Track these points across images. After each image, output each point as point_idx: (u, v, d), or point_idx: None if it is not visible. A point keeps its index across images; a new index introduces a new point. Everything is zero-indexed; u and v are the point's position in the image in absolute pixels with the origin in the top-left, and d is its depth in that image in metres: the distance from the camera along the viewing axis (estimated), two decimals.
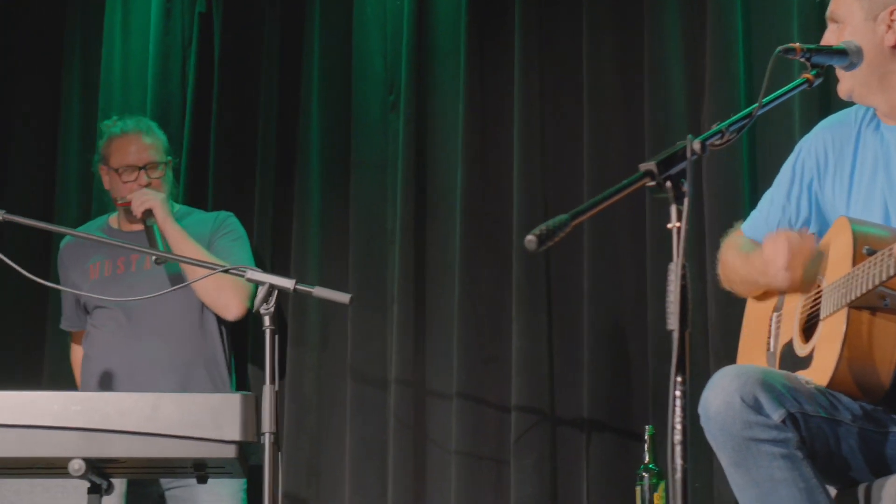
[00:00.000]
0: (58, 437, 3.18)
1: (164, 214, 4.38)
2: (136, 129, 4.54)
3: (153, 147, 4.53)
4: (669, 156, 2.42)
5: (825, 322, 2.88)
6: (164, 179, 4.53)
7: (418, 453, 4.53)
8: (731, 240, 3.30)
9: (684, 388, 2.35)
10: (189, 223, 4.52)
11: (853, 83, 3.02)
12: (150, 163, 4.50)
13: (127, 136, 4.53)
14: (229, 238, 4.54)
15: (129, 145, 4.51)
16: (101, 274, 4.50)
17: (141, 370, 4.35)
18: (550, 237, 2.29)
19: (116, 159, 4.52)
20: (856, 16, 3.01)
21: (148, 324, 4.39)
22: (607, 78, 4.46)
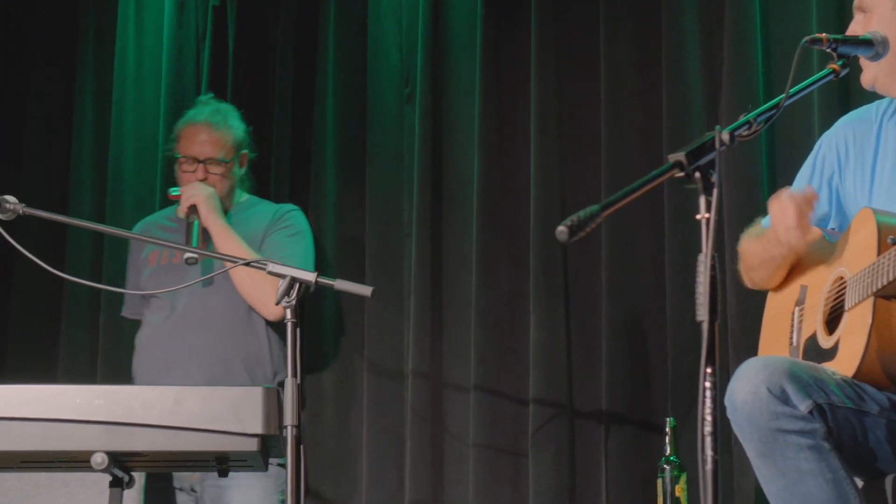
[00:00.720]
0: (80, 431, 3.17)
1: (207, 210, 4.33)
2: (208, 120, 4.49)
3: (219, 142, 4.47)
4: (698, 146, 2.41)
5: (850, 312, 2.87)
6: (229, 174, 4.48)
7: (436, 446, 4.53)
8: (751, 230, 3.29)
9: (714, 380, 2.33)
10: (249, 216, 4.49)
11: (877, 72, 3.02)
12: (211, 158, 4.45)
13: (196, 125, 4.49)
14: (285, 233, 4.46)
15: (196, 135, 4.48)
16: (159, 262, 4.47)
17: (179, 362, 4.31)
18: (581, 228, 2.28)
19: (181, 147, 4.50)
20: (885, 5, 3.00)
21: (193, 317, 4.35)
22: (624, 70, 4.45)
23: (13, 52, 5.32)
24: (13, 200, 3.51)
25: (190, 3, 5.13)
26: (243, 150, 4.55)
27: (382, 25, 4.84)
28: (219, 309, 4.35)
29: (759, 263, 3.20)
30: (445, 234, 4.65)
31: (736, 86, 4.19)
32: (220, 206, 4.39)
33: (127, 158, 5.07)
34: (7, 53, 5.32)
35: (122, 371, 4.54)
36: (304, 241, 4.48)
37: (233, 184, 4.51)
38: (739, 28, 4.21)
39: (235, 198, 4.53)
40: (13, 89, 5.29)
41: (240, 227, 4.41)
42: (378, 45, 4.84)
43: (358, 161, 4.82)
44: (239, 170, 4.54)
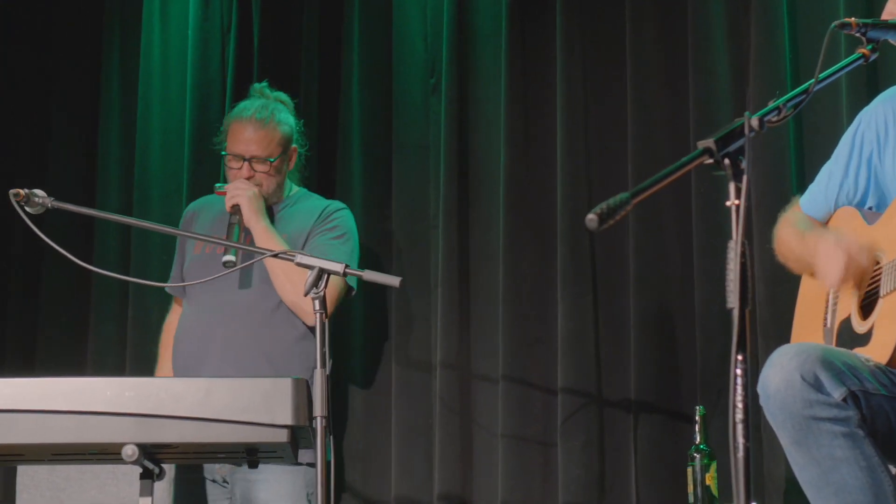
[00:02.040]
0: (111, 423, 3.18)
1: (251, 211, 4.26)
2: (254, 116, 4.41)
3: (265, 140, 4.39)
4: (728, 133, 2.39)
5: (885, 299, 2.85)
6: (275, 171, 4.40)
7: (464, 437, 4.53)
8: (788, 216, 3.26)
9: (745, 367, 2.31)
10: (298, 210, 4.44)
11: None
12: (256, 157, 4.38)
13: (242, 121, 4.41)
14: (330, 235, 4.37)
15: (241, 132, 4.40)
16: (203, 250, 4.43)
17: (212, 354, 4.27)
18: (611, 216, 2.27)
19: (228, 143, 4.44)
20: None
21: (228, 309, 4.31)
22: (650, 58, 4.43)
23: (39, 46, 5.34)
24: (42, 194, 3.52)
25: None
26: (292, 145, 4.48)
27: (407, 15, 4.84)
28: (251, 304, 4.31)
29: (794, 258, 3.20)
30: (472, 224, 4.64)
31: (763, 72, 4.17)
32: (264, 206, 4.32)
33: (153, 151, 5.08)
34: (33, 47, 5.34)
35: (151, 364, 4.54)
36: (349, 243, 4.39)
37: (280, 180, 4.44)
38: (767, 14, 4.18)
39: (286, 191, 4.48)
40: (39, 83, 5.31)
41: (286, 222, 4.38)
42: (403, 35, 4.83)
43: (384, 152, 4.81)
44: (287, 166, 4.47)
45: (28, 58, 5.33)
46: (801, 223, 3.19)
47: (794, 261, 3.18)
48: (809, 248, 3.05)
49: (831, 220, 3.21)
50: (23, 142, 5.30)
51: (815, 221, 3.22)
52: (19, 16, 5.35)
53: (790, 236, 3.19)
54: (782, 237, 3.23)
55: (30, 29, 5.34)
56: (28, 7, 5.32)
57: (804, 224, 3.17)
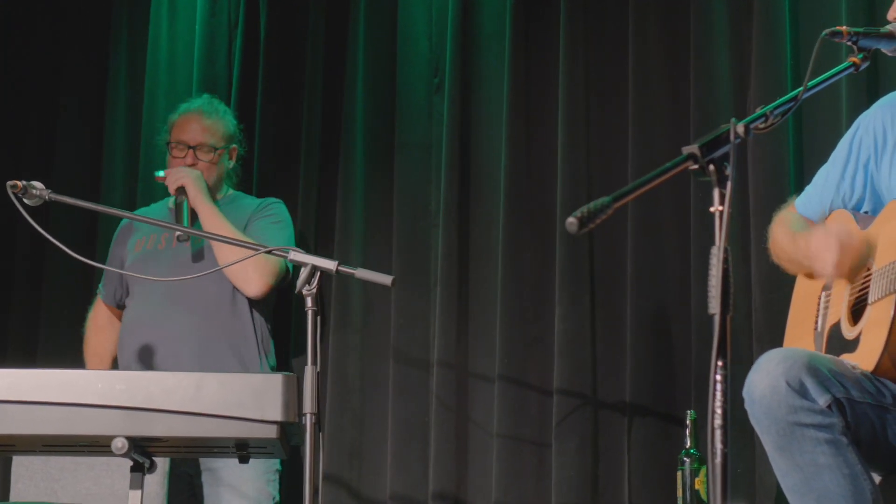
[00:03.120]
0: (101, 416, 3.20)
1: (195, 191, 4.38)
2: (200, 109, 4.57)
3: (210, 130, 4.53)
4: (713, 139, 2.40)
5: (873, 306, 2.85)
6: (218, 164, 4.53)
7: (460, 436, 4.53)
8: (783, 216, 3.26)
9: (725, 373, 2.32)
10: (235, 208, 4.52)
11: None
12: (202, 144, 4.50)
13: (189, 114, 4.56)
14: (269, 220, 4.51)
15: (188, 123, 4.54)
16: (144, 248, 4.51)
17: (166, 343, 4.35)
18: (592, 219, 2.27)
19: (173, 134, 4.56)
20: None
21: (179, 298, 4.37)
22: (652, 61, 4.43)
23: (47, 39, 5.36)
24: (40, 186, 3.54)
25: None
26: (234, 143, 4.61)
27: (412, 15, 4.84)
28: (203, 290, 4.36)
29: (787, 259, 3.19)
30: (472, 223, 4.64)
31: (764, 77, 4.17)
32: (207, 188, 4.43)
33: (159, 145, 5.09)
34: (41, 40, 5.36)
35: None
36: (287, 230, 4.54)
37: (220, 174, 4.56)
38: (768, 19, 4.18)
39: (222, 191, 4.58)
40: (46, 75, 5.34)
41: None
42: (408, 34, 4.84)
43: (386, 150, 4.82)
44: (228, 161, 4.59)
45: (36, 51, 5.35)
46: (794, 223, 3.19)
47: (787, 261, 3.18)
48: (801, 248, 3.05)
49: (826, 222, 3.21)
50: (30, 134, 5.33)
51: (809, 222, 3.22)
52: (28, 9, 5.37)
53: (783, 236, 3.19)
54: (776, 237, 3.23)
55: (38, 21, 5.36)
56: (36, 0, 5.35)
57: (798, 224, 3.17)
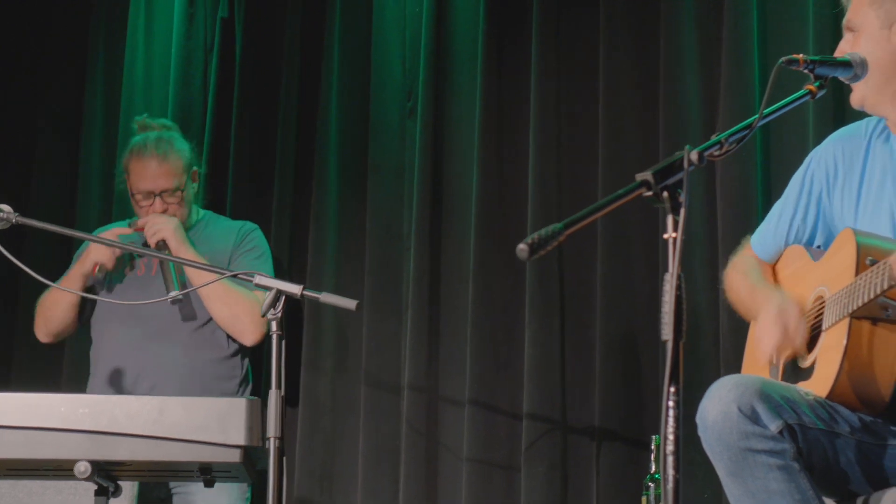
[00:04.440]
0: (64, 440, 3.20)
1: (177, 243, 4.34)
2: (154, 152, 4.45)
3: (170, 172, 4.45)
4: (666, 166, 2.41)
5: (827, 333, 2.87)
6: (184, 199, 4.48)
7: (430, 459, 4.54)
8: (738, 261, 3.29)
9: (677, 399, 2.33)
10: (211, 234, 4.53)
11: (866, 91, 3.00)
12: (166, 189, 4.44)
13: (144, 159, 4.45)
14: (252, 255, 4.49)
15: (145, 169, 4.44)
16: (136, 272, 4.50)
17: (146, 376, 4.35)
18: (542, 246, 2.29)
19: (133, 181, 4.47)
20: (872, 24, 2.99)
21: (158, 329, 4.38)
22: (623, 85, 4.45)
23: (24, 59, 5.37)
24: (7, 209, 3.54)
25: (199, 15, 5.17)
26: (193, 168, 4.55)
27: (386, 39, 4.87)
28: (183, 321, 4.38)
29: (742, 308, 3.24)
30: (444, 247, 4.66)
31: (732, 103, 4.19)
32: (187, 235, 4.39)
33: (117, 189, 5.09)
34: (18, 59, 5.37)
35: None
36: (269, 261, 4.53)
37: (190, 206, 4.53)
38: (736, 46, 4.21)
39: (192, 216, 4.55)
40: (23, 96, 5.34)
41: (203, 245, 4.43)
42: (382, 58, 4.86)
43: (360, 173, 4.84)
44: (192, 188, 4.54)
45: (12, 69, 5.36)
46: (750, 272, 3.21)
47: (742, 310, 3.22)
48: (756, 307, 3.08)
49: (780, 259, 3.23)
50: (7, 154, 5.33)
51: (764, 266, 3.24)
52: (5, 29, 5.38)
53: (739, 286, 3.22)
54: (732, 284, 3.26)
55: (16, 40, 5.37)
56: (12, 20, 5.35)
57: (754, 274, 3.19)
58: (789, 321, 2.95)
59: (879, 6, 2.98)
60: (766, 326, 2.97)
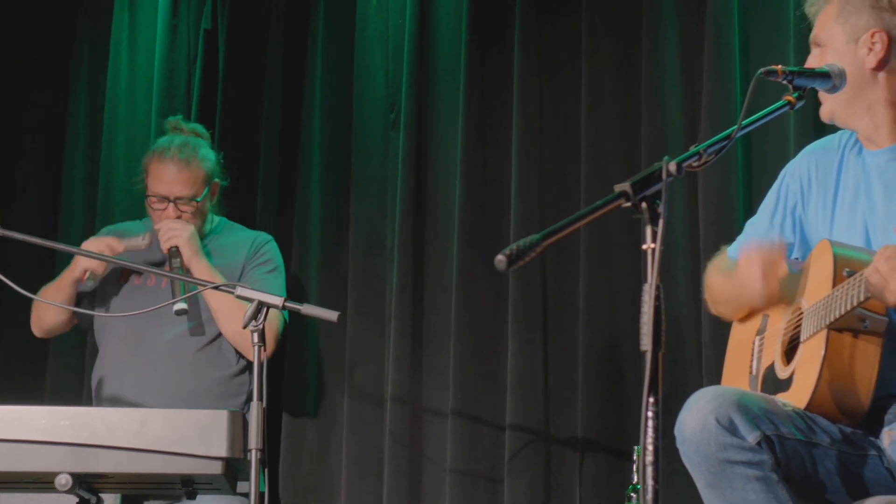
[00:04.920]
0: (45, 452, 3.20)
1: (190, 253, 4.24)
2: (177, 156, 4.36)
3: (189, 180, 4.35)
4: (645, 177, 2.42)
5: (805, 344, 2.88)
6: (199, 209, 4.39)
7: (414, 471, 4.54)
8: (715, 262, 3.30)
9: (656, 409, 2.34)
10: (225, 244, 4.46)
11: (835, 105, 3.03)
12: (181, 197, 4.35)
13: (165, 161, 4.36)
14: (264, 269, 4.41)
15: (164, 172, 4.36)
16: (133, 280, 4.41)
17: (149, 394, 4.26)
18: (521, 257, 2.29)
19: (150, 183, 4.39)
20: (838, 39, 3.01)
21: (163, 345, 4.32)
22: (605, 97, 4.47)
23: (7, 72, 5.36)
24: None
25: (182, 26, 5.17)
26: (214, 179, 4.46)
27: (369, 51, 4.87)
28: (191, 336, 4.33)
29: (725, 300, 3.23)
30: (427, 258, 4.66)
31: (715, 114, 4.20)
32: (201, 245, 4.30)
33: (117, 178, 5.10)
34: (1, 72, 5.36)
35: None
36: (281, 276, 4.45)
37: (205, 216, 4.44)
38: (718, 58, 4.22)
39: (208, 224, 4.48)
40: (6, 108, 5.34)
41: (217, 256, 4.37)
42: (365, 70, 4.87)
43: (343, 185, 4.84)
44: (209, 200, 4.45)
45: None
46: (728, 266, 3.22)
47: (724, 303, 3.22)
48: (736, 284, 3.07)
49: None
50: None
51: None
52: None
53: (718, 279, 3.23)
54: (711, 283, 3.27)
55: None
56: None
57: (731, 267, 3.20)
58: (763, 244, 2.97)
59: (845, 21, 3.01)
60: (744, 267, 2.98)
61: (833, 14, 3.04)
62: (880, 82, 3.00)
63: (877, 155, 3.03)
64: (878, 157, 3.02)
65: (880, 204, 2.97)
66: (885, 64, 2.99)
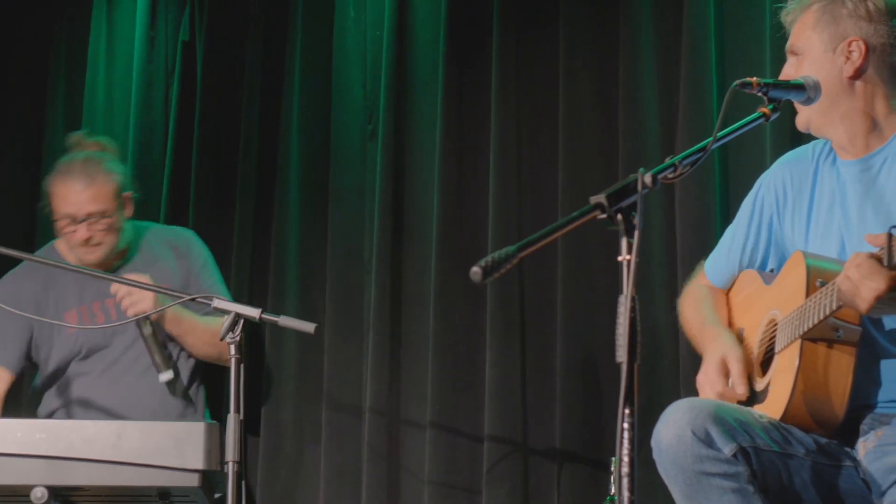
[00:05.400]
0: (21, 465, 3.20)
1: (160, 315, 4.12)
2: (79, 176, 4.19)
3: (97, 196, 4.19)
4: (620, 188, 2.44)
5: (780, 355, 2.89)
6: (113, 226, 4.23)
7: (392, 482, 4.53)
8: (692, 290, 3.32)
9: (632, 420, 2.34)
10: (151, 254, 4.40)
11: (811, 114, 3.03)
12: (90, 214, 4.18)
13: (69, 180, 4.20)
14: (206, 272, 4.41)
15: (69, 191, 4.18)
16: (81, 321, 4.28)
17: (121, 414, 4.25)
18: (496, 269, 2.30)
19: (57, 205, 4.22)
20: (815, 48, 3.02)
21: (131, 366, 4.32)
22: (583, 108, 4.47)
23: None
24: None
25: (160, 38, 5.16)
26: (125, 192, 4.30)
27: (347, 62, 4.87)
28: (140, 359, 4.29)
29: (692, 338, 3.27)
30: (405, 270, 4.66)
31: (692, 126, 4.21)
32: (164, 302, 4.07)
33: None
34: None
35: None
36: (217, 270, 4.44)
37: (119, 232, 4.27)
38: (695, 70, 4.23)
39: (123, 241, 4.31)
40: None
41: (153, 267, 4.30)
42: (342, 81, 4.87)
43: (321, 197, 4.84)
44: (122, 215, 4.29)
45: None
46: (703, 304, 3.23)
47: (692, 339, 3.25)
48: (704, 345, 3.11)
49: (734, 284, 3.26)
50: None
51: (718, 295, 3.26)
52: None
53: (692, 317, 3.25)
54: (685, 315, 3.30)
55: None
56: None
57: (706, 307, 3.21)
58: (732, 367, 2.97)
59: (822, 30, 3.01)
60: (709, 374, 2.99)
61: (810, 23, 3.04)
62: (857, 91, 3.00)
63: (851, 165, 3.04)
64: (853, 168, 3.03)
65: (855, 214, 2.97)
66: (862, 73, 2.99)
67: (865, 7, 2.99)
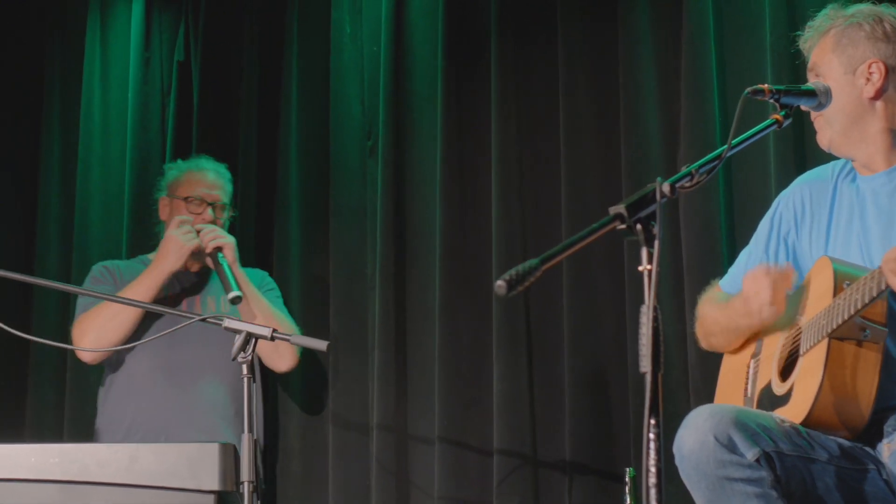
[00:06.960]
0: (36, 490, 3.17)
1: (233, 257, 4.35)
2: (215, 169, 4.56)
3: (226, 189, 4.54)
4: (639, 198, 2.42)
5: (805, 356, 2.88)
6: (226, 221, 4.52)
7: (401, 498, 4.52)
8: (709, 295, 3.32)
9: (658, 431, 2.33)
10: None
11: (832, 134, 3.07)
12: (219, 203, 4.50)
13: (202, 169, 4.55)
14: (274, 294, 4.53)
15: (203, 178, 4.52)
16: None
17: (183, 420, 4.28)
18: (520, 282, 2.29)
19: (186, 189, 4.51)
20: (835, 70, 3.06)
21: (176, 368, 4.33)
22: (584, 121, 4.48)
23: None
24: None
25: (155, 59, 5.15)
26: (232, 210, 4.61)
27: (345, 79, 4.87)
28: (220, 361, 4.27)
29: (720, 330, 3.23)
30: (409, 286, 4.65)
31: (693, 136, 4.23)
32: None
33: (93, 213, 5.07)
34: None
35: (90, 428, 4.52)
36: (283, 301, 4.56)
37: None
38: (696, 79, 4.24)
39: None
40: None
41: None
42: (340, 98, 4.87)
43: (322, 214, 4.83)
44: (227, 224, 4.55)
45: None
46: (721, 298, 3.24)
47: (720, 333, 3.22)
48: (737, 310, 3.09)
49: None
50: None
51: None
52: None
53: (713, 310, 3.24)
54: (705, 314, 3.28)
55: None
56: None
57: (725, 299, 3.21)
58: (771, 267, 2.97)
59: (842, 52, 3.06)
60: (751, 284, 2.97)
61: (829, 46, 3.08)
62: (878, 111, 3.05)
63: (871, 180, 3.07)
64: (873, 182, 3.07)
65: (874, 226, 3.00)
66: (883, 93, 3.05)
67: (883, 29, 3.05)
